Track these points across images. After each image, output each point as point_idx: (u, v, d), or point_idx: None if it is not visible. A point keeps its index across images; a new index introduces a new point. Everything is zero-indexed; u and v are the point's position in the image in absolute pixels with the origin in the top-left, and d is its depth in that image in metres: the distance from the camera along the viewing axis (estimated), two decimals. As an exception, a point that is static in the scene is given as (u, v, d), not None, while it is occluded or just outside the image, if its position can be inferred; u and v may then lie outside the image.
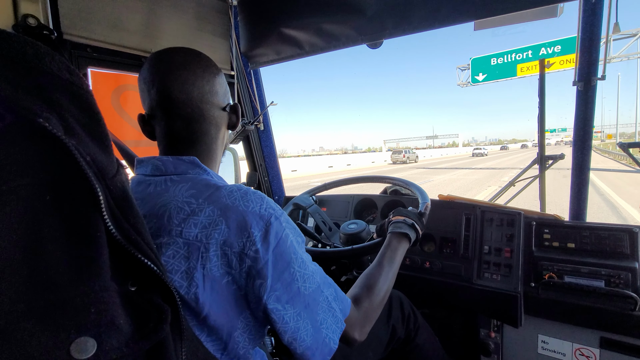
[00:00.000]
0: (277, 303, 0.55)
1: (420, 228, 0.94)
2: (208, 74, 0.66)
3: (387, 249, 0.85)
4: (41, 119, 0.30)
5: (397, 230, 0.90)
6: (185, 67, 0.63)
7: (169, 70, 0.62)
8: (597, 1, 1.10)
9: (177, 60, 0.63)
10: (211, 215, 0.54)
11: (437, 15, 1.15)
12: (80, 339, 0.29)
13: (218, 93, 0.68)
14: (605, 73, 1.17)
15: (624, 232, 1.06)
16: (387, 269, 0.80)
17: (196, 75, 0.64)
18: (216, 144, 0.69)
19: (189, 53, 0.65)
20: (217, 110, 0.68)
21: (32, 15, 0.93)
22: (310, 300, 0.59)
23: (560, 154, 1.48)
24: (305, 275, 0.59)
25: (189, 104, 0.63)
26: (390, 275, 0.79)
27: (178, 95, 0.62)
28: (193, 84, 0.63)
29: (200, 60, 0.66)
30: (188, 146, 0.65)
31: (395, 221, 0.94)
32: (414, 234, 0.91)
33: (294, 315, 0.56)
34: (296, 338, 0.57)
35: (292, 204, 1.36)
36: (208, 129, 0.67)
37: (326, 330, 0.60)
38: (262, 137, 1.79)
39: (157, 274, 0.38)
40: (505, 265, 1.15)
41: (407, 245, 0.90)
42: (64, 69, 0.34)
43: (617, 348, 1.02)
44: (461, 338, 1.35)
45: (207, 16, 1.45)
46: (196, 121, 0.65)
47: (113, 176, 0.37)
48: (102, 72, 1.21)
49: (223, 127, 0.71)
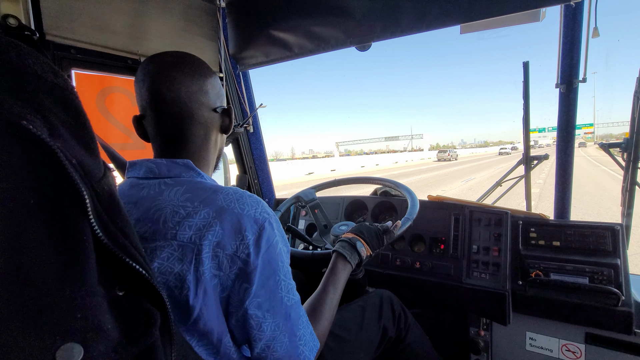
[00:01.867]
0: (257, 310, 0.55)
1: (373, 247, 0.91)
2: (198, 74, 0.65)
3: (331, 274, 0.82)
4: (25, 121, 0.29)
5: (339, 250, 0.88)
6: (174, 67, 0.63)
7: (159, 70, 0.63)
8: (577, 6, 1.13)
9: (167, 61, 0.64)
10: (206, 217, 0.53)
11: (424, 18, 1.17)
12: (66, 344, 0.29)
13: (208, 93, 0.67)
14: (586, 75, 1.20)
15: (606, 229, 1.09)
16: (331, 295, 0.77)
17: (185, 75, 0.64)
18: (207, 146, 0.69)
19: (180, 55, 0.66)
20: (207, 110, 0.67)
21: (12, 16, 0.91)
22: (291, 312, 0.59)
23: (545, 155, 1.52)
24: (290, 286, 0.59)
25: (177, 102, 0.63)
26: (334, 301, 0.77)
27: (166, 93, 0.62)
28: (181, 82, 0.63)
29: (190, 61, 0.66)
30: (180, 147, 0.65)
31: (343, 239, 0.91)
32: (355, 258, 0.87)
33: (272, 325, 0.56)
34: (270, 347, 0.56)
35: (294, 197, 1.36)
36: (197, 129, 0.66)
37: (303, 347, 0.59)
38: (252, 140, 1.79)
39: (145, 278, 0.38)
40: (493, 264, 1.17)
41: (350, 268, 0.86)
42: (48, 70, 0.33)
43: (601, 343, 1.05)
44: (451, 337, 1.36)
45: (195, 18, 1.44)
46: (185, 121, 0.64)
47: (100, 179, 0.36)
48: (86, 74, 1.19)
49: (214, 130, 0.70)
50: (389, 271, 1.34)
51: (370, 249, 0.91)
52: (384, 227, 0.98)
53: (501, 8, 1.06)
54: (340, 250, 0.87)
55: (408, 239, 1.36)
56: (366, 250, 0.90)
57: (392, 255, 1.36)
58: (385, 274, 1.34)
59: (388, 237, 0.97)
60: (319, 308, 0.73)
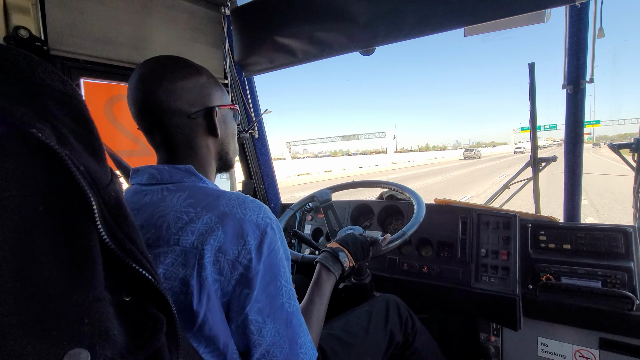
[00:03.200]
0: (258, 315, 0.55)
1: (356, 258, 0.90)
2: (167, 79, 0.62)
3: (315, 285, 0.81)
4: (34, 129, 0.30)
5: (321, 261, 0.87)
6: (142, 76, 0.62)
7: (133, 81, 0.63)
8: (582, 7, 1.13)
9: (139, 71, 0.63)
10: (208, 222, 0.54)
11: (428, 22, 1.17)
12: (73, 350, 0.29)
13: (181, 99, 0.62)
14: (593, 76, 1.19)
15: (618, 232, 1.07)
16: (317, 306, 0.77)
17: (151, 83, 0.61)
18: (198, 152, 0.66)
19: (153, 61, 0.64)
20: (181, 118, 0.63)
21: (23, 27, 0.93)
22: (292, 319, 0.58)
23: (553, 156, 1.50)
24: (290, 292, 0.59)
25: (146, 114, 0.62)
26: (322, 310, 0.77)
27: (138, 105, 0.62)
28: (147, 92, 0.61)
29: (160, 67, 0.63)
30: (180, 153, 0.65)
31: (326, 249, 0.90)
32: (338, 269, 0.86)
33: (272, 330, 0.56)
34: (269, 352, 0.56)
35: (309, 197, 1.37)
36: (178, 137, 0.64)
37: (304, 355, 0.59)
38: (257, 145, 1.80)
39: (152, 283, 0.38)
40: (502, 267, 1.15)
41: (334, 278, 0.85)
42: (56, 79, 0.34)
43: (616, 348, 1.02)
44: (461, 342, 1.34)
45: (200, 26, 1.46)
46: (162, 130, 0.63)
47: (107, 186, 0.37)
48: (94, 83, 1.21)
49: (199, 135, 0.66)
50: (396, 276, 1.33)
51: (353, 260, 0.90)
52: (372, 239, 0.97)
53: (506, 10, 1.06)
54: (323, 261, 0.87)
55: (415, 243, 1.35)
56: (349, 261, 0.89)
57: (399, 259, 1.35)
58: (392, 279, 1.33)
59: (375, 250, 0.96)
60: (307, 319, 0.72)
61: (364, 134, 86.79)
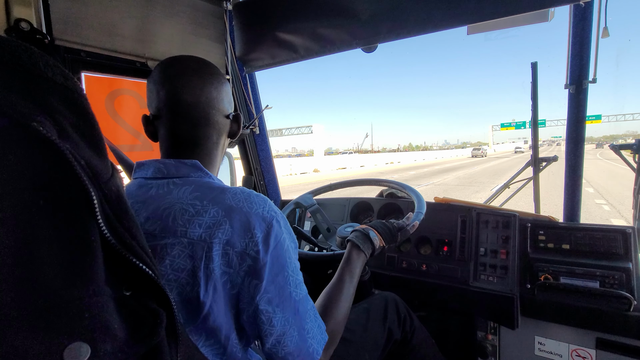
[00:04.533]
0: (268, 305, 0.56)
1: (386, 240, 0.93)
2: (217, 81, 0.68)
3: (346, 263, 0.84)
4: (35, 123, 0.30)
5: (353, 240, 0.89)
6: (196, 72, 0.65)
7: (180, 74, 0.65)
8: (586, 6, 1.12)
9: (188, 66, 0.66)
10: (215, 216, 0.55)
11: (431, 19, 1.16)
12: (73, 344, 0.29)
13: (224, 101, 0.70)
14: (596, 76, 1.19)
15: (617, 232, 1.07)
16: (347, 284, 0.79)
17: (205, 81, 0.66)
18: (217, 149, 0.71)
19: (199, 61, 0.68)
20: (221, 117, 0.70)
21: (25, 20, 0.92)
22: (299, 307, 0.60)
23: (554, 156, 1.49)
24: (297, 281, 0.61)
25: (196, 108, 0.65)
26: (351, 290, 0.79)
27: (187, 98, 0.64)
28: (202, 89, 0.65)
29: (210, 68, 0.68)
30: (190, 149, 0.67)
31: (357, 229, 0.93)
32: (369, 248, 0.89)
33: (281, 320, 0.57)
34: (280, 342, 0.57)
35: (293, 204, 1.36)
36: (211, 134, 0.68)
37: (311, 340, 0.60)
38: (258, 141, 1.79)
39: (152, 278, 0.38)
40: (501, 267, 1.15)
41: (364, 257, 0.87)
42: (58, 73, 0.34)
43: (613, 349, 1.03)
44: (458, 340, 1.35)
45: (202, 21, 1.45)
46: (201, 125, 0.66)
47: (107, 180, 0.37)
48: (95, 77, 1.21)
49: (224, 134, 0.73)
50: (395, 273, 1.33)
51: (383, 241, 0.92)
52: (400, 225, 0.99)
53: (509, 8, 1.05)
54: (354, 239, 0.89)
55: (414, 241, 1.35)
56: (379, 241, 0.91)
57: (398, 257, 1.35)
58: (391, 276, 1.33)
59: (402, 234, 0.98)
60: (336, 297, 0.75)
61: (287, 129, 59.37)
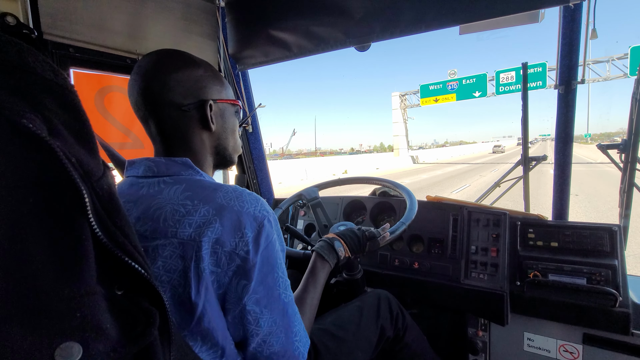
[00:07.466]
0: (255, 306, 0.55)
1: (352, 250, 0.92)
2: (162, 71, 0.62)
3: (310, 273, 0.83)
4: (25, 120, 0.29)
5: (317, 250, 0.88)
6: (138, 67, 0.63)
7: (134, 72, 0.64)
8: (576, 8, 1.14)
9: (139, 63, 0.64)
10: (206, 215, 0.54)
11: (424, 19, 1.17)
12: (65, 344, 0.29)
13: (172, 90, 0.62)
14: (585, 77, 1.21)
15: (604, 230, 1.10)
16: (312, 293, 0.78)
17: (143, 75, 0.62)
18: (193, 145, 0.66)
19: (154, 53, 0.65)
20: (173, 110, 0.63)
21: (11, 14, 0.90)
22: (288, 309, 0.60)
23: (543, 155, 1.52)
24: (286, 283, 0.60)
25: (140, 105, 0.63)
26: (315, 299, 0.78)
27: (133, 96, 0.63)
28: (140, 83, 0.62)
29: (156, 58, 0.63)
30: (170, 146, 0.65)
31: (323, 239, 0.92)
32: (333, 258, 0.88)
33: (269, 321, 0.57)
34: (266, 341, 0.57)
35: (297, 195, 1.37)
36: (171, 130, 0.64)
37: (298, 343, 0.60)
38: (251, 140, 1.79)
39: (144, 277, 0.38)
40: (491, 264, 1.17)
41: (329, 267, 0.86)
42: (47, 68, 0.33)
43: (599, 343, 1.05)
44: (449, 337, 1.36)
45: (194, 17, 1.43)
46: (156, 122, 0.64)
47: (99, 178, 0.36)
48: (85, 73, 1.18)
49: (192, 128, 0.65)
50: (387, 271, 1.34)
51: (349, 251, 0.91)
52: (370, 235, 0.97)
53: (500, 9, 1.06)
54: (318, 249, 0.89)
55: (407, 239, 1.36)
56: (344, 251, 0.90)
57: (390, 255, 1.36)
58: (383, 274, 1.34)
59: (371, 244, 0.97)
60: (301, 307, 0.74)
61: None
